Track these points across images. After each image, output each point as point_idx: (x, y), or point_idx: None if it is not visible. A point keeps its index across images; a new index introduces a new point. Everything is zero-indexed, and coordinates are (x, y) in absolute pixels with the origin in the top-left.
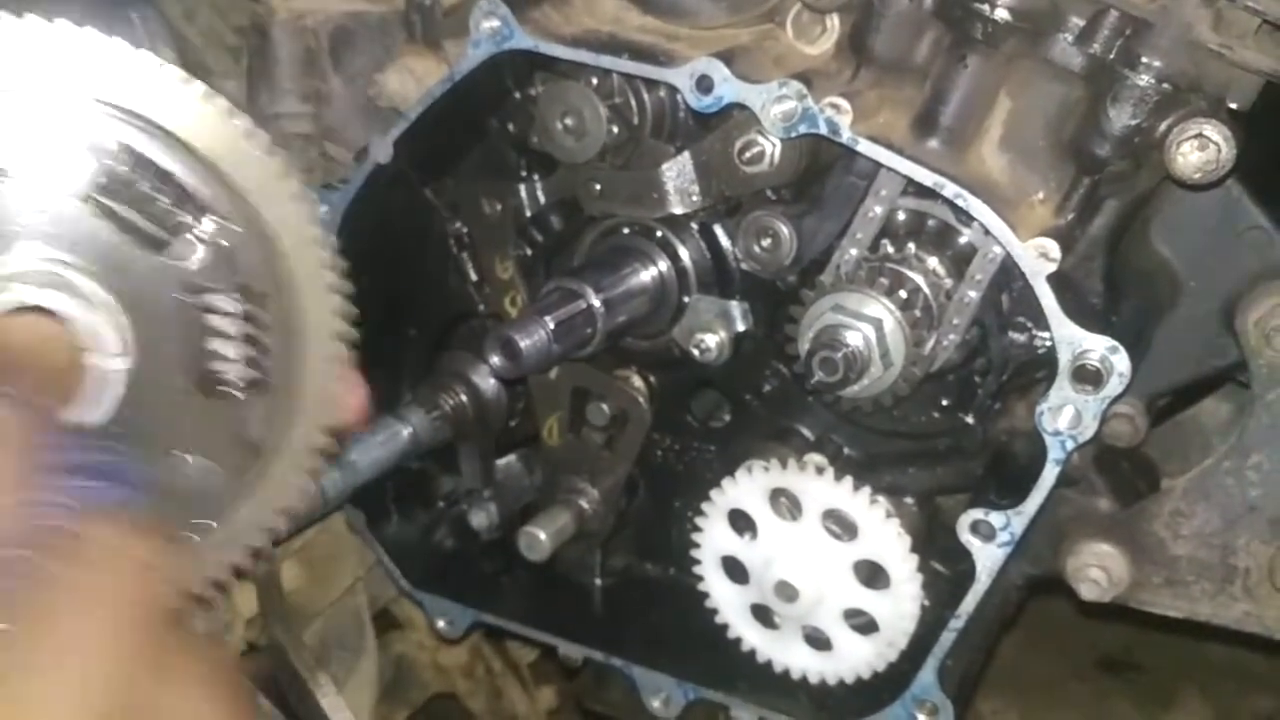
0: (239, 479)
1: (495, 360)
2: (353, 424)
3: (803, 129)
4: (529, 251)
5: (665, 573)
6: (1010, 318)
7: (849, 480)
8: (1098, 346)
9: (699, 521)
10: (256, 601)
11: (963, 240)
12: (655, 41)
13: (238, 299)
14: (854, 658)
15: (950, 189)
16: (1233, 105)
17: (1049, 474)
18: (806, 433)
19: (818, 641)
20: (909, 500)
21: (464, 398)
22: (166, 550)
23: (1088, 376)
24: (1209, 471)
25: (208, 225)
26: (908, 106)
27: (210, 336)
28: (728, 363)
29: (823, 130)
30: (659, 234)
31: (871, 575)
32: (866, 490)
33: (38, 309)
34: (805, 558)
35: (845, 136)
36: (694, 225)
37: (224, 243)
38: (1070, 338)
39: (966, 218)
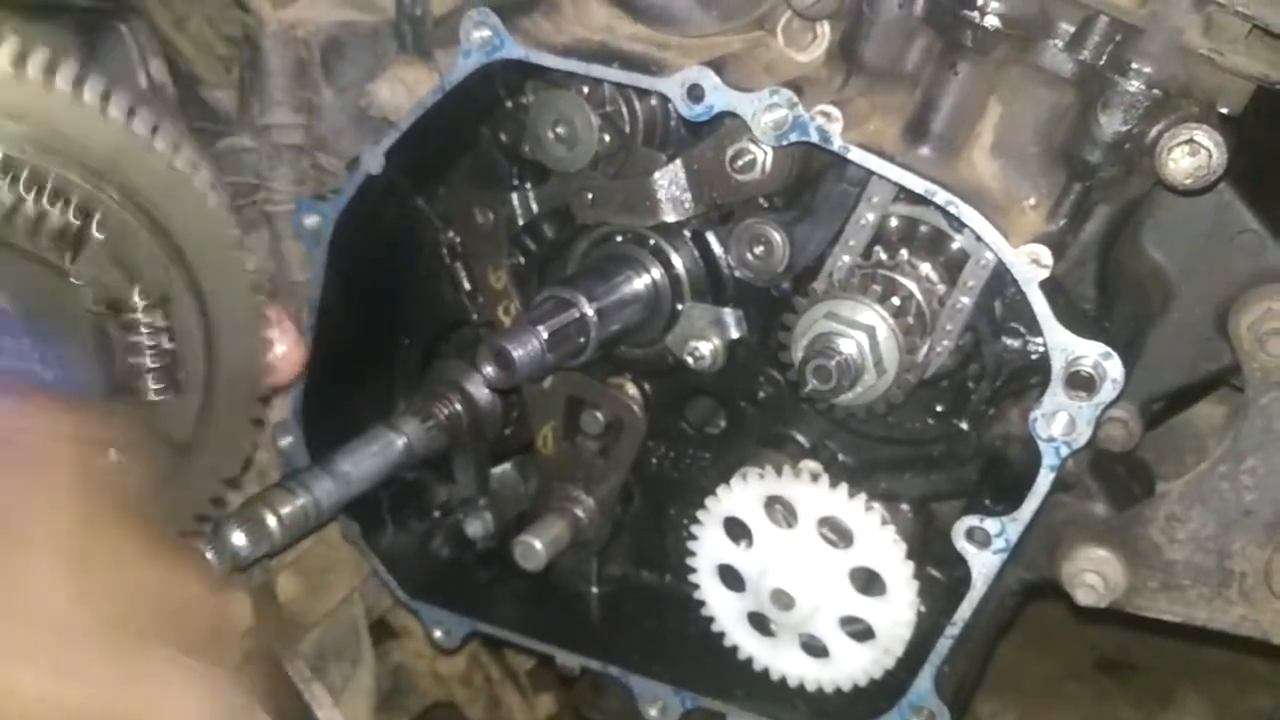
0: (164, 473)
1: (489, 370)
2: (286, 379)
3: (794, 137)
4: (522, 260)
5: (661, 581)
6: (1003, 323)
7: (844, 487)
8: (1091, 353)
9: (694, 529)
10: (252, 613)
11: (955, 246)
12: (646, 50)
13: (143, 302)
14: (851, 665)
15: (942, 196)
16: (1223, 110)
17: (1043, 480)
18: (802, 439)
19: (814, 649)
20: (904, 507)
21: (458, 407)
22: (95, 421)
23: (1081, 383)
24: (1204, 476)
25: (98, 234)
26: (899, 113)
27: (123, 349)
28: (722, 370)
29: (814, 138)
30: (652, 242)
31: (867, 582)
32: (862, 497)
33: None
34: (801, 565)
35: (836, 144)
36: (687, 233)
37: (119, 247)
38: (1063, 344)
39: (959, 223)
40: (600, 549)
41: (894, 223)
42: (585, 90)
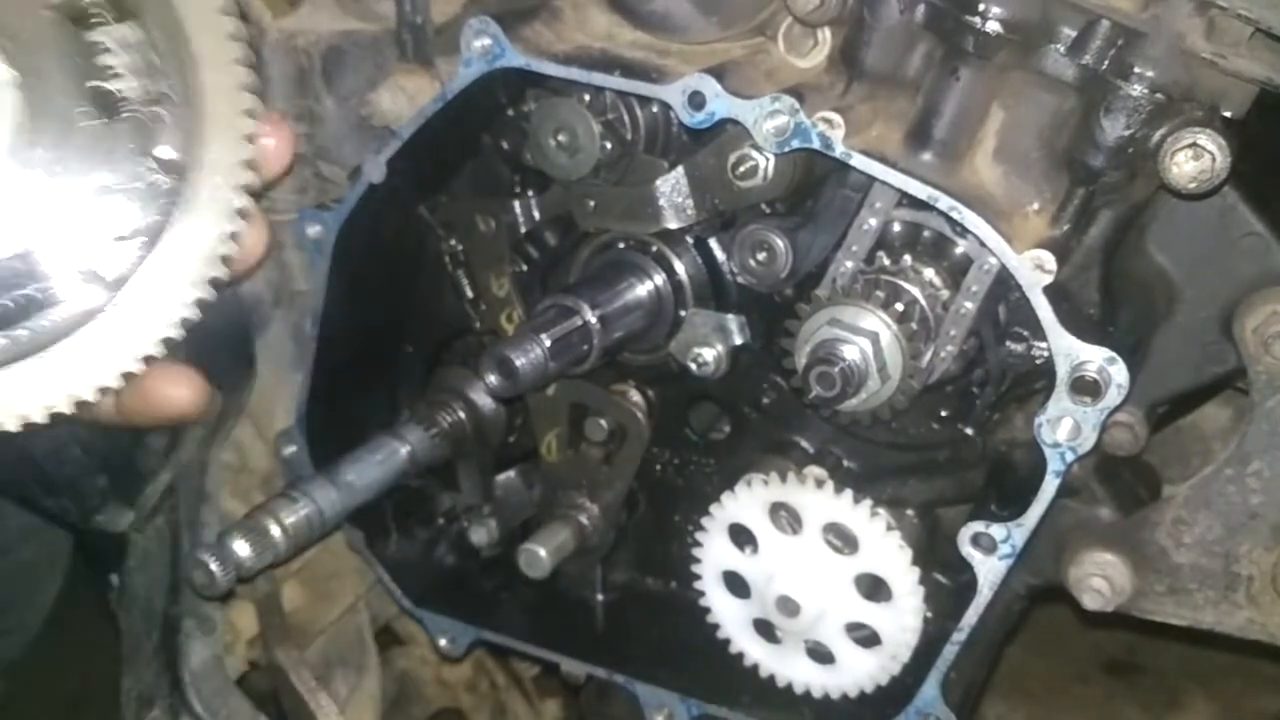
0: (161, 200)
1: (492, 379)
2: (274, 170)
3: (795, 144)
4: (524, 268)
5: (666, 588)
6: (1007, 328)
7: (849, 493)
8: (1095, 358)
9: (699, 536)
10: (257, 622)
11: (958, 251)
12: (647, 57)
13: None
14: (857, 671)
15: (945, 202)
16: (1227, 114)
17: (1049, 486)
18: (806, 445)
19: (820, 655)
20: (910, 512)
21: (462, 415)
22: None
23: (1086, 388)
24: (1210, 479)
25: None
26: (901, 119)
27: (96, 54)
28: (726, 376)
29: (815, 145)
30: (654, 249)
31: (873, 588)
32: (867, 503)
33: None
34: (806, 572)
35: (838, 151)
36: (689, 239)
37: None
38: (1068, 349)
39: (962, 228)
40: (605, 556)
41: (897, 228)
42: (586, 98)
